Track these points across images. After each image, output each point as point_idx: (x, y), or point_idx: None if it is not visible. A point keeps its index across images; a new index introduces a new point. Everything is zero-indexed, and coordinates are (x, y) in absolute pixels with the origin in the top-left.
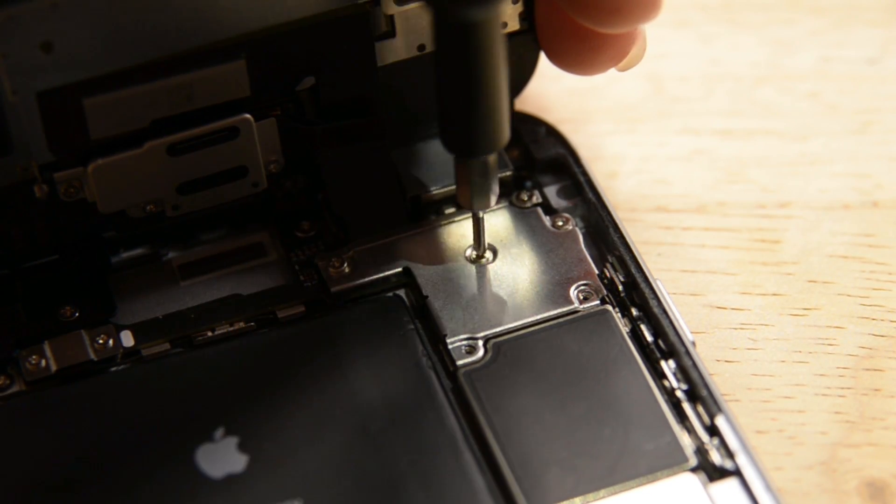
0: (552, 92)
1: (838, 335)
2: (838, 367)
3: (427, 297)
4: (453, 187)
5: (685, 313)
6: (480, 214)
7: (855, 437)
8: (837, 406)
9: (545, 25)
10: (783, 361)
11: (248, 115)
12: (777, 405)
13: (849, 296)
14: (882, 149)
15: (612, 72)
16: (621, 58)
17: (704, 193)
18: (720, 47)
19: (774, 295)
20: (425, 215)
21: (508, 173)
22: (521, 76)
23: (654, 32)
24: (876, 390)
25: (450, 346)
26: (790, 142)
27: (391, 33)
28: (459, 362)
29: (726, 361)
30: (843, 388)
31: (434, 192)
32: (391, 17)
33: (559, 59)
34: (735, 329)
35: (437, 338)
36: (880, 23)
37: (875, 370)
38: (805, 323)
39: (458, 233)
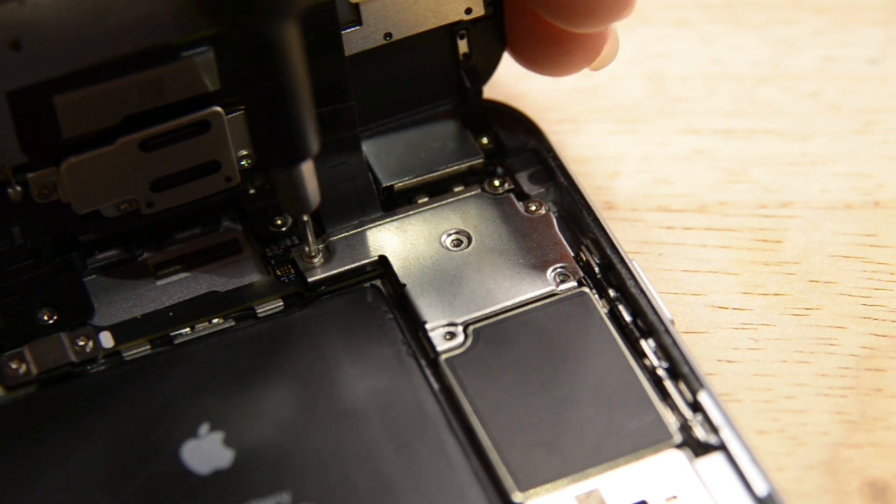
0: (552, 92)
1: (840, 335)
2: (840, 368)
3: (405, 285)
4: (425, 176)
5: (686, 313)
6: (304, 218)
7: (857, 437)
8: (839, 406)
9: (516, 28)
10: (785, 361)
11: (218, 109)
12: (779, 405)
13: (850, 296)
14: (884, 148)
15: (613, 71)
16: (594, 57)
17: (706, 193)
18: (721, 47)
19: (776, 295)
20: (399, 205)
21: (480, 160)
22: (486, 65)
23: (654, 32)
24: (878, 390)
25: (430, 333)
26: (792, 141)
27: (357, 22)
28: (440, 348)
29: (728, 361)
30: (844, 389)
31: (406, 182)
32: (356, 7)
33: (530, 62)
34: (737, 329)
35: (416, 325)
36: (882, 22)
37: (877, 370)
38: (807, 323)
39: (433, 220)
